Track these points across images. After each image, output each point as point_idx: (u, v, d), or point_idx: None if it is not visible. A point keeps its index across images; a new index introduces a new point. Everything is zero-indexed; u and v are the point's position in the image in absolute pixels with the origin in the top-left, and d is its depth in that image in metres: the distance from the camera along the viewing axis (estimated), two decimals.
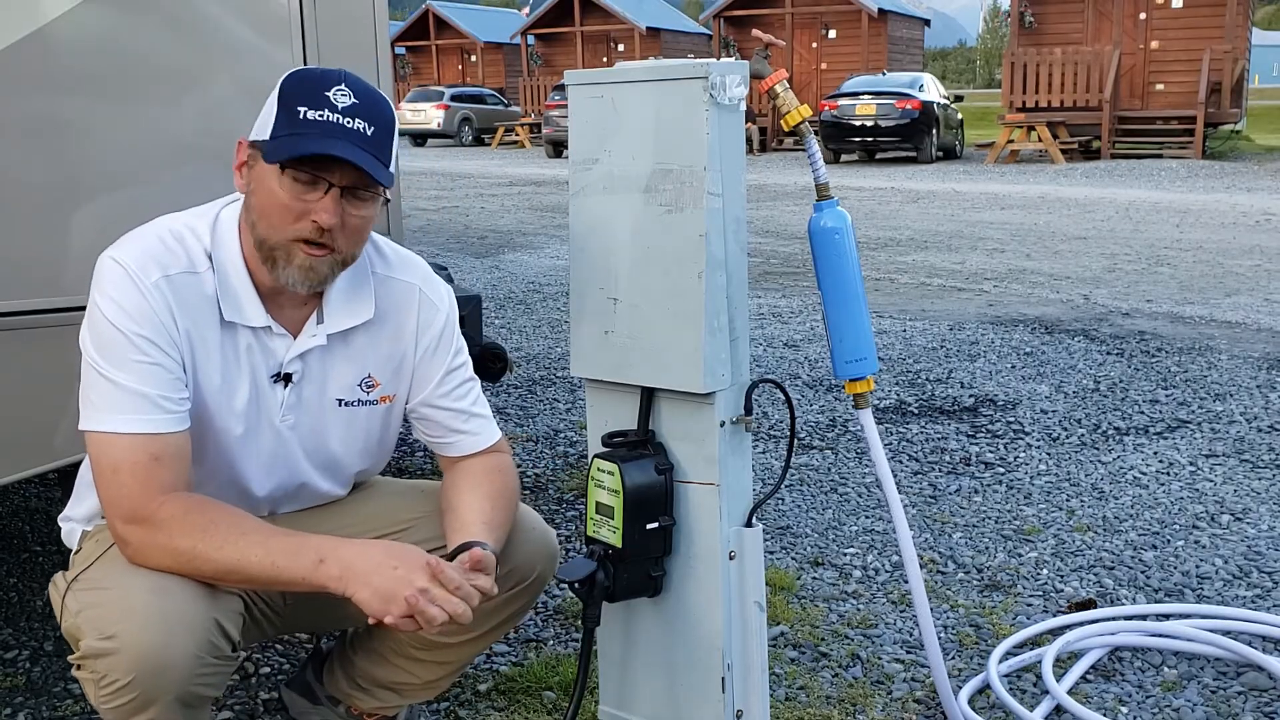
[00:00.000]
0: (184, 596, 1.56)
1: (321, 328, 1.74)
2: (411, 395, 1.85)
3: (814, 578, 2.94)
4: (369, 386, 1.81)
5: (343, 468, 1.87)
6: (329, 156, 1.59)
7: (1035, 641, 2.56)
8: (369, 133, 1.62)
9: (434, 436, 1.88)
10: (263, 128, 1.63)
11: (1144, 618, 2.67)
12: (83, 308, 1.63)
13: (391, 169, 1.67)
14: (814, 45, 27.09)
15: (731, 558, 1.88)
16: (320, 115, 1.60)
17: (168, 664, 1.52)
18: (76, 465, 1.97)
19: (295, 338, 1.73)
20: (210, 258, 1.67)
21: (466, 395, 1.87)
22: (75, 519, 1.79)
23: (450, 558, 1.66)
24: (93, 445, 1.60)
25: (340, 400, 1.80)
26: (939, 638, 2.45)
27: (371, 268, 1.79)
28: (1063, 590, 2.86)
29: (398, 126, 1.71)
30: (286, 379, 1.74)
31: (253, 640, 1.98)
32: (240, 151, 1.67)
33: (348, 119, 1.61)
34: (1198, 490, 3.56)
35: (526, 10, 40.36)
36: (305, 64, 2.40)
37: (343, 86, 1.62)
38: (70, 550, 1.79)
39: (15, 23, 2.06)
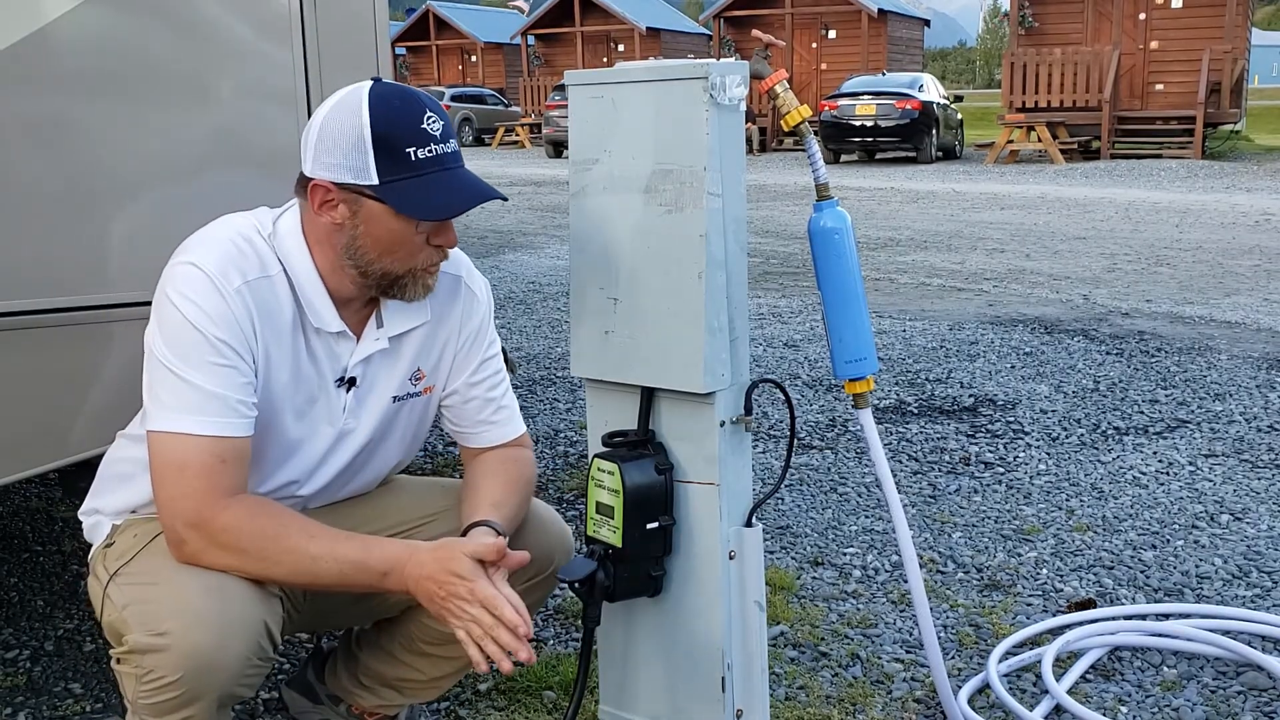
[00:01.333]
0: (238, 598, 1.57)
1: (382, 331, 1.76)
2: (448, 385, 1.87)
3: (814, 577, 2.94)
4: (416, 379, 1.83)
5: (386, 463, 1.89)
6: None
7: (1035, 641, 2.57)
8: (457, 147, 1.66)
9: (461, 427, 1.90)
10: (359, 169, 1.60)
11: (1143, 617, 2.67)
12: (85, 308, 1.62)
13: None
14: (814, 45, 27.09)
15: (731, 557, 1.88)
16: (429, 152, 1.61)
17: (218, 664, 1.53)
18: (80, 465, 1.97)
19: (358, 340, 1.75)
20: (279, 260, 1.67)
21: (497, 386, 1.90)
22: (104, 512, 1.79)
23: (463, 535, 1.70)
24: (158, 444, 1.59)
25: (394, 397, 1.82)
26: (939, 637, 2.45)
27: None
28: (1062, 590, 2.86)
29: None
30: (350, 383, 1.75)
31: None
32: (320, 193, 1.63)
33: (445, 145, 1.63)
34: (1197, 490, 3.56)
35: (526, 6, 40.30)
36: (305, 65, 2.40)
37: (428, 112, 1.62)
38: (91, 544, 1.79)
39: (15, 23, 2.06)
